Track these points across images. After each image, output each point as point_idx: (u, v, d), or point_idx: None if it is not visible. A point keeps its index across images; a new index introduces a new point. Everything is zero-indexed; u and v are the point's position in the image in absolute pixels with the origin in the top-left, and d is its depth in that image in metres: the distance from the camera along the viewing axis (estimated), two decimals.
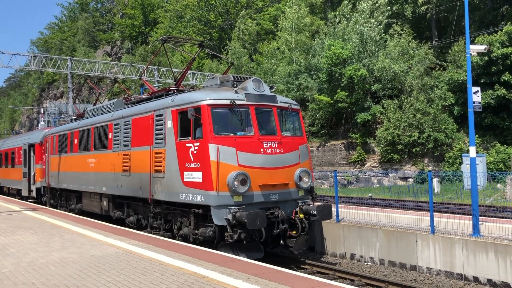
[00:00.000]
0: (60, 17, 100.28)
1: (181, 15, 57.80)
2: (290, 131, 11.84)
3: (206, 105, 10.50)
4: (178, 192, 11.13)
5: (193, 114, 10.41)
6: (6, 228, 12.93)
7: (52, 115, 57.01)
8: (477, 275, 9.92)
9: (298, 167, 11.24)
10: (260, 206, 10.52)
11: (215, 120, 10.46)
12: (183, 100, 11.34)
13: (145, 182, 12.51)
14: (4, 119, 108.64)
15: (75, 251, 9.40)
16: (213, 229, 10.45)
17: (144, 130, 12.73)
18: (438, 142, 31.13)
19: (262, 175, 10.53)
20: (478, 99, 12.18)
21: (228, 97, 10.73)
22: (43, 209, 19.35)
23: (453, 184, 25.30)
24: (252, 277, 7.04)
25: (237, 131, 10.71)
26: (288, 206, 11.15)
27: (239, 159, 10.31)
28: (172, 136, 11.44)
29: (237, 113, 10.70)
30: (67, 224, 13.72)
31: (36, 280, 7.05)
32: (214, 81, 12.07)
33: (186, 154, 10.85)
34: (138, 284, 6.76)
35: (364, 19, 36.50)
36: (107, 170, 15.06)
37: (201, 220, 10.95)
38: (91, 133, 16.78)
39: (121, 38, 73.39)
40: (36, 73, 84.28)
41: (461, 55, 32.58)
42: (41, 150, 24.10)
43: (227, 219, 10.15)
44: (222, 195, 10.15)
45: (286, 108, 11.75)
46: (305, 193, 11.54)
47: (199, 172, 10.46)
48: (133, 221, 13.98)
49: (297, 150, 11.42)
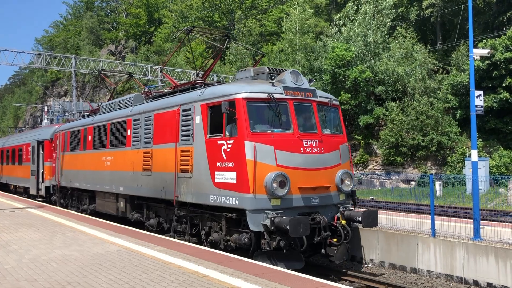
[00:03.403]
0: (65, 16, 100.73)
1: (186, 15, 57.89)
2: (330, 128, 10.86)
3: (242, 99, 9.58)
4: (207, 193, 10.24)
5: (227, 109, 9.47)
6: (9, 225, 13.01)
7: (56, 113, 57.16)
8: (477, 279, 9.93)
9: (339, 169, 10.33)
10: (299, 211, 9.66)
11: (251, 115, 9.58)
12: (215, 93, 10.43)
13: (169, 182, 11.66)
14: (8, 117, 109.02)
15: (77, 248, 9.45)
16: (249, 236, 9.53)
17: (168, 126, 11.88)
18: (441, 145, 31.11)
19: (302, 176, 9.64)
20: (481, 103, 12.18)
21: (265, 90, 9.81)
22: (46, 206, 19.42)
23: (455, 187, 25.28)
24: (253, 276, 7.07)
25: (275, 127, 9.78)
26: (328, 211, 10.20)
27: (277, 159, 9.43)
28: (201, 132, 10.58)
29: (274, 107, 9.77)
30: (69, 222, 13.78)
31: (38, 277, 7.11)
32: (246, 73, 11.12)
33: (217, 152, 9.99)
34: (139, 282, 6.80)
35: (367, 21, 36.52)
36: (125, 169, 14.16)
37: (234, 225, 10.05)
38: (107, 130, 15.84)
39: (126, 37, 73.55)
40: (40, 71, 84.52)
41: (464, 58, 32.58)
42: (50, 147, 23.23)
43: (264, 225, 9.26)
44: (259, 198, 9.23)
45: (326, 103, 10.78)
46: (346, 197, 10.61)
47: (233, 172, 9.57)
48: (154, 224, 13.07)
49: (338, 150, 10.51)
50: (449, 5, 37.59)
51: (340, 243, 10.10)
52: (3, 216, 15.22)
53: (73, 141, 19.31)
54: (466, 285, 10.09)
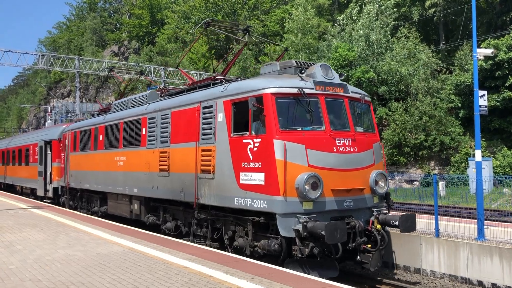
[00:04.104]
0: (68, 17, 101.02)
1: (189, 16, 57.96)
2: (363, 126, 10.17)
3: (270, 94, 8.96)
4: (232, 196, 9.59)
5: (254, 105, 8.87)
6: (13, 225, 13.05)
7: (59, 114, 57.35)
8: (482, 279, 9.90)
9: (373, 169, 9.68)
10: (332, 214, 9.04)
11: (280, 112, 8.94)
12: (239, 88, 9.80)
13: (188, 183, 11.06)
14: (12, 117, 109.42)
15: (80, 249, 9.47)
16: (279, 242, 8.86)
17: (187, 124, 11.28)
18: (444, 145, 31.05)
19: (335, 178, 9.01)
20: (485, 103, 12.15)
21: (295, 84, 9.19)
22: (49, 207, 19.47)
23: (459, 187, 25.23)
24: (256, 277, 7.07)
25: (305, 125, 9.15)
26: (362, 215, 9.52)
27: (309, 159, 8.79)
28: (224, 131, 9.95)
29: (305, 103, 9.13)
30: (73, 222, 13.81)
31: (42, 277, 7.12)
32: (272, 67, 10.42)
33: (243, 152, 9.37)
34: (143, 282, 6.81)
35: (370, 22, 36.50)
36: (139, 170, 13.51)
37: (261, 230, 9.39)
38: (119, 129, 15.15)
39: (129, 38, 73.72)
40: (44, 72, 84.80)
41: (467, 58, 32.53)
42: (59, 147, 22.48)
43: (296, 230, 8.60)
44: (290, 201, 8.59)
45: (358, 99, 10.13)
46: (380, 199, 9.95)
47: (260, 173, 8.92)
48: (171, 228, 12.44)
49: (372, 149, 9.86)
50: (452, 5, 37.52)
51: (376, 249, 9.34)
52: (7, 216, 15.27)
53: (83, 141, 18.65)
54: (470, 286, 10.06)
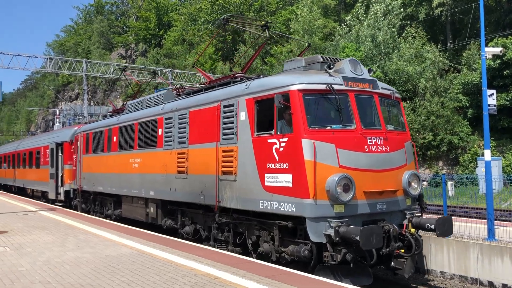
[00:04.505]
0: (76, 20, 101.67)
1: (195, 18, 58.12)
2: (393, 124, 9.72)
3: (297, 91, 8.52)
4: (256, 199, 9.14)
5: (280, 102, 8.47)
6: (23, 227, 13.13)
7: (67, 117, 57.70)
8: (492, 280, 9.82)
9: (405, 170, 9.21)
10: (364, 218, 8.58)
11: (308, 109, 8.51)
12: (263, 85, 9.38)
13: (208, 185, 10.64)
14: (21, 120, 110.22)
15: (89, 251, 9.51)
16: (309, 248, 8.41)
17: (207, 124, 10.87)
18: (453, 145, 30.86)
19: (367, 179, 8.55)
20: (494, 102, 12.07)
21: (323, 80, 8.72)
22: (58, 209, 19.57)
23: (467, 187, 25.04)
24: (265, 278, 7.06)
25: (335, 123, 8.71)
26: (394, 218, 9.05)
27: (339, 159, 8.33)
28: (247, 130, 9.51)
29: (334, 100, 8.68)
30: (81, 225, 13.87)
31: (51, 279, 7.16)
32: (296, 63, 9.88)
33: (267, 152, 8.92)
34: (151, 284, 6.82)
35: (377, 21, 36.38)
36: (156, 172, 13.09)
37: (288, 234, 8.95)
38: (134, 130, 14.74)
39: (136, 41, 74.04)
40: (52, 75, 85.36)
41: (475, 57, 32.31)
42: (70, 149, 22.13)
43: (327, 235, 8.14)
44: (320, 204, 8.12)
45: (388, 96, 9.66)
46: (413, 201, 9.50)
47: (288, 174, 8.46)
48: (190, 232, 12.00)
49: (403, 148, 9.38)
50: (460, 4, 37.29)
51: (411, 254, 8.82)
52: (16, 219, 15.38)
53: (96, 143, 18.19)
54: (481, 286, 9.98)
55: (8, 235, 11.75)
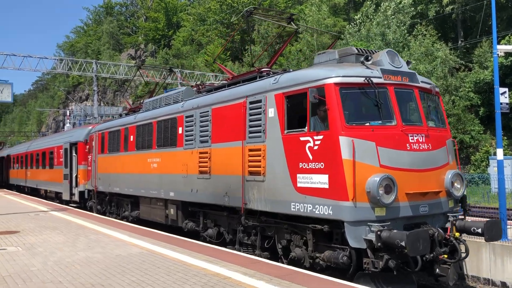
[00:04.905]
0: (85, 21, 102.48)
1: (204, 18, 58.26)
2: (434, 120, 9.12)
3: (333, 84, 7.94)
4: (287, 200, 8.61)
5: (315, 97, 7.90)
6: (34, 228, 13.23)
7: (78, 117, 58.20)
8: (505, 280, 9.71)
9: (448, 169, 8.60)
10: (405, 222, 8.00)
11: (345, 105, 7.93)
12: (294, 79, 8.78)
13: (233, 186, 10.15)
14: (32, 121, 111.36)
15: (100, 251, 9.55)
16: (347, 254, 7.84)
17: (231, 121, 10.35)
18: (464, 144, 30.60)
19: (410, 179, 7.97)
20: (506, 100, 11.95)
21: (361, 73, 8.15)
22: (69, 209, 19.71)
23: (479, 187, 24.81)
24: (275, 278, 7.03)
25: (374, 119, 8.13)
26: (436, 221, 8.45)
27: (380, 158, 7.76)
28: (276, 127, 8.98)
29: (373, 95, 8.10)
30: (92, 225, 13.94)
31: (63, 279, 7.19)
32: (329, 55, 9.18)
33: (300, 151, 8.39)
34: (161, 284, 6.83)
35: (387, 20, 36.18)
36: (176, 172, 12.62)
37: (323, 239, 8.40)
38: (152, 128, 14.24)
39: (145, 41, 74.42)
40: (62, 76, 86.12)
41: (486, 55, 32.00)
42: (85, 149, 21.64)
43: (367, 240, 7.54)
44: (360, 207, 7.56)
45: (429, 90, 9.03)
46: (455, 203, 8.90)
47: (323, 175, 7.92)
48: (213, 235, 11.51)
49: (445, 146, 8.79)
50: (471, 1, 36.94)
51: (456, 261, 8.19)
52: (28, 219, 15.51)
53: (111, 142, 17.70)
54: (494, 287, 9.86)
55: (20, 235, 11.85)
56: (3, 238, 11.25)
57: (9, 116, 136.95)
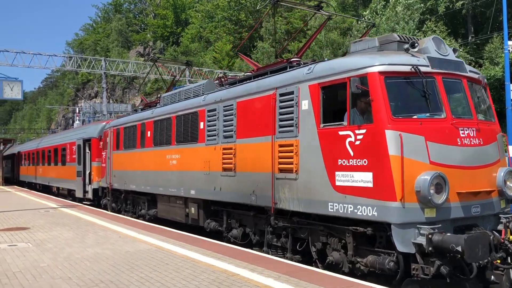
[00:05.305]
0: (94, 19, 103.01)
1: (212, 15, 58.30)
2: (483, 113, 8.46)
3: (378, 73, 7.32)
4: (324, 200, 7.96)
5: (358, 87, 7.29)
6: (44, 224, 13.34)
7: (87, 114, 58.58)
8: None
9: (499, 166, 7.94)
10: (456, 223, 7.33)
11: (391, 96, 7.30)
12: (332, 68, 8.10)
13: (261, 185, 9.54)
14: (41, 119, 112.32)
15: (108, 247, 9.61)
16: (394, 259, 7.13)
17: (259, 115, 9.75)
18: None
19: (461, 177, 7.32)
20: None
21: (407, 61, 7.48)
22: (78, 206, 19.86)
23: None
24: (283, 275, 7.03)
25: (421, 111, 7.46)
26: (487, 223, 7.76)
27: (430, 154, 7.11)
28: (310, 121, 8.35)
29: (420, 85, 7.46)
30: (101, 221, 14.04)
31: (72, 275, 7.25)
32: (367, 43, 8.44)
33: (339, 147, 7.75)
34: (170, 280, 6.85)
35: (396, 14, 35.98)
36: (197, 169, 12.08)
37: (365, 242, 7.77)
38: (171, 124, 13.68)
39: (154, 39, 74.65)
40: (71, 74, 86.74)
41: (497, 51, 31.69)
42: (98, 145, 21.08)
43: (417, 244, 6.84)
44: (409, 207, 6.90)
45: (478, 80, 8.39)
46: (506, 203, 8.23)
47: (367, 172, 7.29)
48: (238, 236, 10.87)
49: (496, 142, 8.14)
50: None
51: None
52: (38, 215, 15.65)
53: (127, 138, 17.13)
54: None
55: (30, 231, 11.96)
56: (13, 235, 11.37)
57: (19, 114, 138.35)
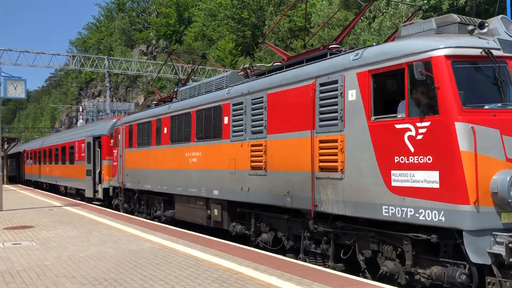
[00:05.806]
0: (97, 18, 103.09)
1: (215, 13, 58.27)
2: None
3: (444, 57, 6.37)
4: (377, 203, 7.06)
5: (422, 72, 6.33)
6: (48, 222, 13.40)
7: (91, 113, 58.71)
8: None
9: None
10: None
11: (460, 83, 6.37)
12: (386, 53, 7.14)
13: (298, 185, 8.65)
14: (45, 117, 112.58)
15: (112, 245, 9.64)
16: (467, 272, 6.24)
17: (295, 108, 8.85)
18: None
19: None
20: None
21: (477, 44, 6.54)
22: (82, 204, 19.92)
23: None
24: (286, 274, 7.04)
25: (493, 101, 6.54)
26: None
27: (506, 150, 6.24)
28: (359, 113, 7.43)
29: (491, 71, 6.54)
30: (105, 220, 14.08)
31: (76, 273, 7.28)
32: (422, 25, 7.43)
33: (395, 142, 6.85)
34: (173, 278, 6.87)
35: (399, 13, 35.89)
36: (220, 167, 11.21)
37: (424, 251, 6.87)
38: (191, 119, 12.76)
39: (157, 37, 74.65)
40: (75, 73, 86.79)
41: None
42: (109, 143, 20.30)
43: (494, 254, 6.00)
44: (484, 212, 6.06)
45: None
46: None
47: (432, 171, 6.39)
48: (268, 241, 9.98)
49: None
50: None
51: None
52: (42, 214, 15.71)
53: (141, 135, 16.25)
54: None
55: (34, 230, 12.01)
56: (17, 233, 11.42)
57: (23, 113, 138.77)
